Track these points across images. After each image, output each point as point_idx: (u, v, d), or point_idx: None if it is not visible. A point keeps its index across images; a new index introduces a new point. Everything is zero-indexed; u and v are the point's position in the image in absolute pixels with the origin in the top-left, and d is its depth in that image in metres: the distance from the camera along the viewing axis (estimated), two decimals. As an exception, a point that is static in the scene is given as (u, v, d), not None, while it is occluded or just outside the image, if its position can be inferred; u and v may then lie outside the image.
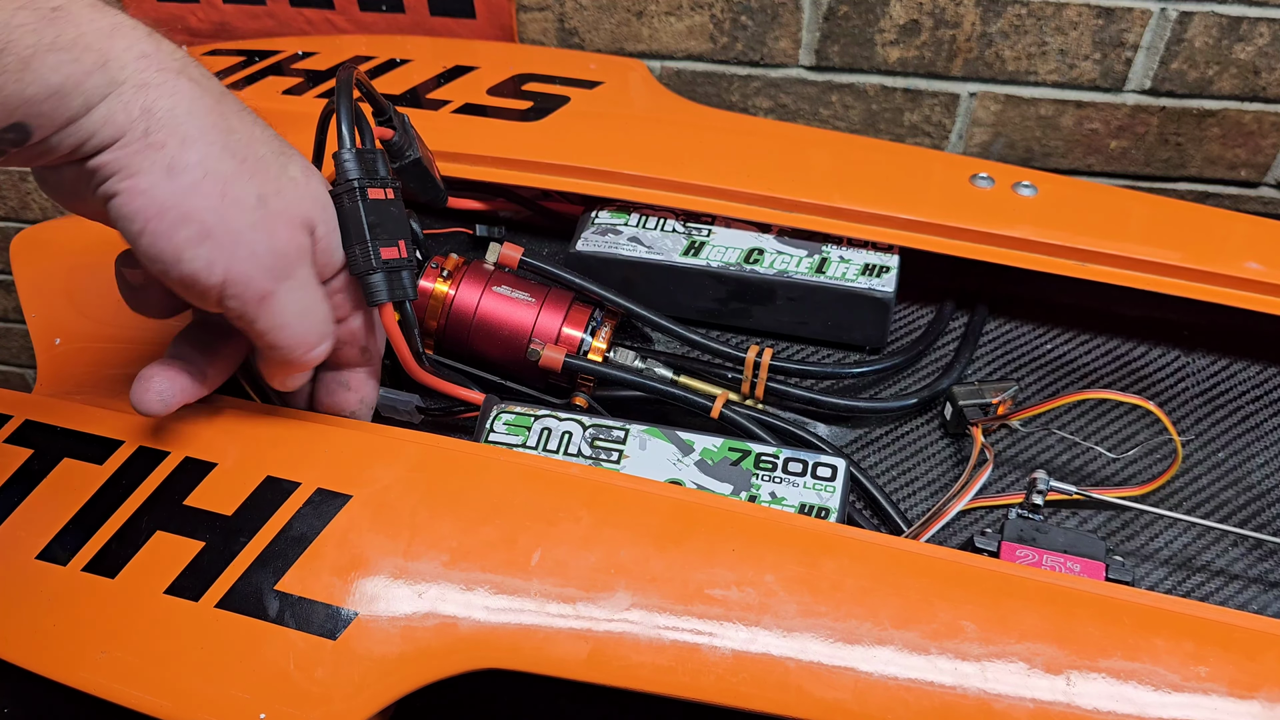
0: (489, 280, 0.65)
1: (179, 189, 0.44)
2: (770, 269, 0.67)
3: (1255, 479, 0.65)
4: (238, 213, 0.45)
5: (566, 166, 0.72)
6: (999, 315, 0.73)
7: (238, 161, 0.45)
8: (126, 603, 0.51)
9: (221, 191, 0.44)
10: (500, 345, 0.64)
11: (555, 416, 0.59)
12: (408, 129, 0.62)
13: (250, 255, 0.46)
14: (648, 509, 0.52)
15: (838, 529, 0.53)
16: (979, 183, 0.71)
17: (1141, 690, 0.46)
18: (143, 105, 0.43)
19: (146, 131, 0.43)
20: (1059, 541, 0.56)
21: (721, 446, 0.57)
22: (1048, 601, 0.49)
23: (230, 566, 0.51)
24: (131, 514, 0.53)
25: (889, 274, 0.67)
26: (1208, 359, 0.71)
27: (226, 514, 0.53)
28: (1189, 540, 0.61)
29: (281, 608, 0.50)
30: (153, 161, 0.43)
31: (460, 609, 0.49)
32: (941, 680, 0.46)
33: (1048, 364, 0.71)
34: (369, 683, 0.48)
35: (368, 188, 0.51)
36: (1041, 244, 0.67)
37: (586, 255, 0.69)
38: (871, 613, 0.48)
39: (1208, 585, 0.60)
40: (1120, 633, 0.48)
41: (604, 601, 0.49)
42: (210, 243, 0.45)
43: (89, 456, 0.55)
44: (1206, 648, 0.48)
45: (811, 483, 0.56)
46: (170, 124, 0.43)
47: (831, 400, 0.65)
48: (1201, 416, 0.68)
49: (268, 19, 1.03)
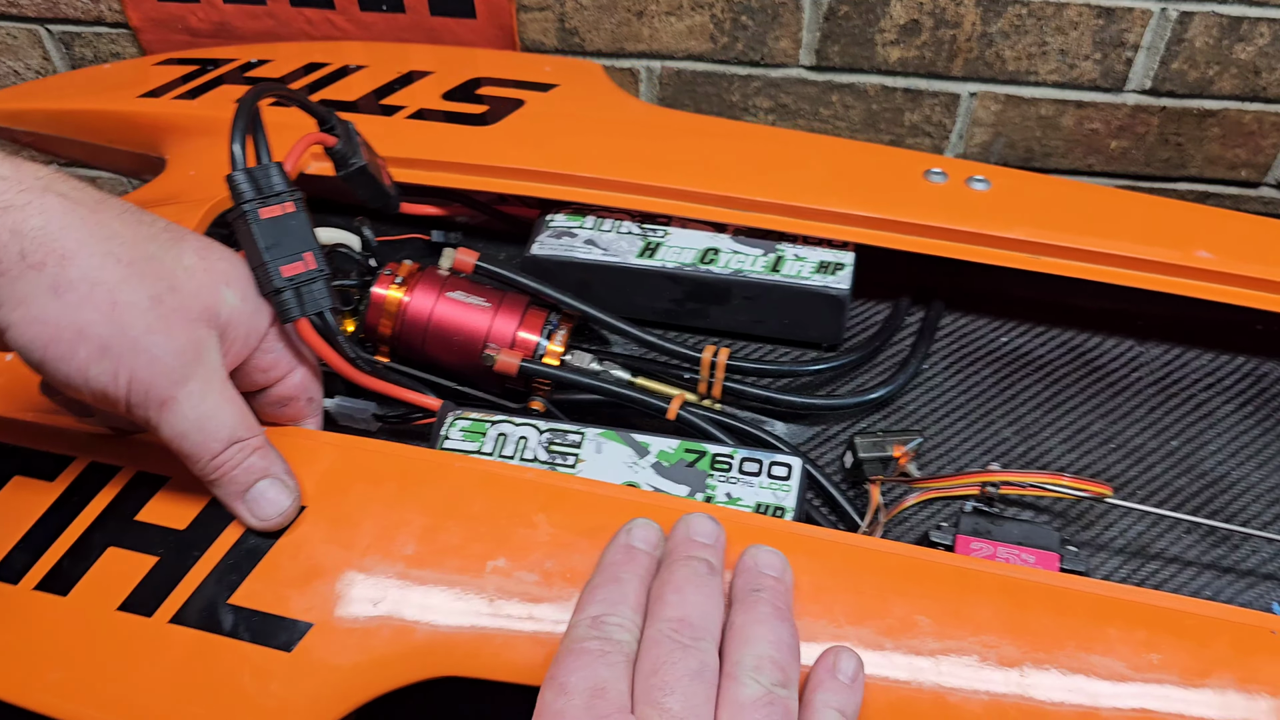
0: (443, 286, 0.64)
1: (68, 306, 0.43)
2: (726, 269, 0.67)
3: (1208, 466, 0.65)
4: (132, 317, 0.44)
5: (521, 170, 0.72)
6: (955, 309, 0.74)
7: (124, 266, 0.44)
8: (79, 620, 0.50)
9: (111, 300, 0.43)
10: (455, 351, 0.64)
11: (511, 422, 0.59)
12: (351, 136, 0.62)
13: (150, 361, 0.45)
14: (603, 512, 0.52)
15: (793, 527, 0.53)
16: (932, 178, 0.71)
17: (1094, 680, 0.47)
18: (10, 228, 0.41)
19: (22, 253, 0.41)
20: (1014, 534, 0.56)
21: (677, 448, 0.57)
22: (1002, 594, 0.49)
23: (183, 581, 0.51)
24: (83, 531, 0.52)
25: (844, 271, 0.67)
26: (1161, 348, 0.72)
27: (179, 528, 0.52)
28: (1143, 529, 0.62)
29: (236, 621, 0.50)
30: (35, 284, 0.42)
31: (416, 617, 0.49)
32: (897, 675, 0.47)
33: (1004, 357, 0.71)
34: (325, 694, 0.48)
35: (259, 208, 0.51)
36: (995, 238, 0.67)
37: (542, 259, 0.69)
38: (827, 609, 0.48)
39: (1162, 573, 0.60)
40: (1073, 623, 0.49)
41: (560, 606, 0.49)
42: (110, 355, 0.44)
43: (39, 473, 0.55)
44: (1159, 635, 0.48)
45: (767, 482, 0.56)
46: (45, 241, 0.42)
47: (788, 398, 0.65)
48: (1154, 406, 0.68)
49: (268, 19, 1.03)
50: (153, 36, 1.08)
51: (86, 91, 0.86)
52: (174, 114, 0.80)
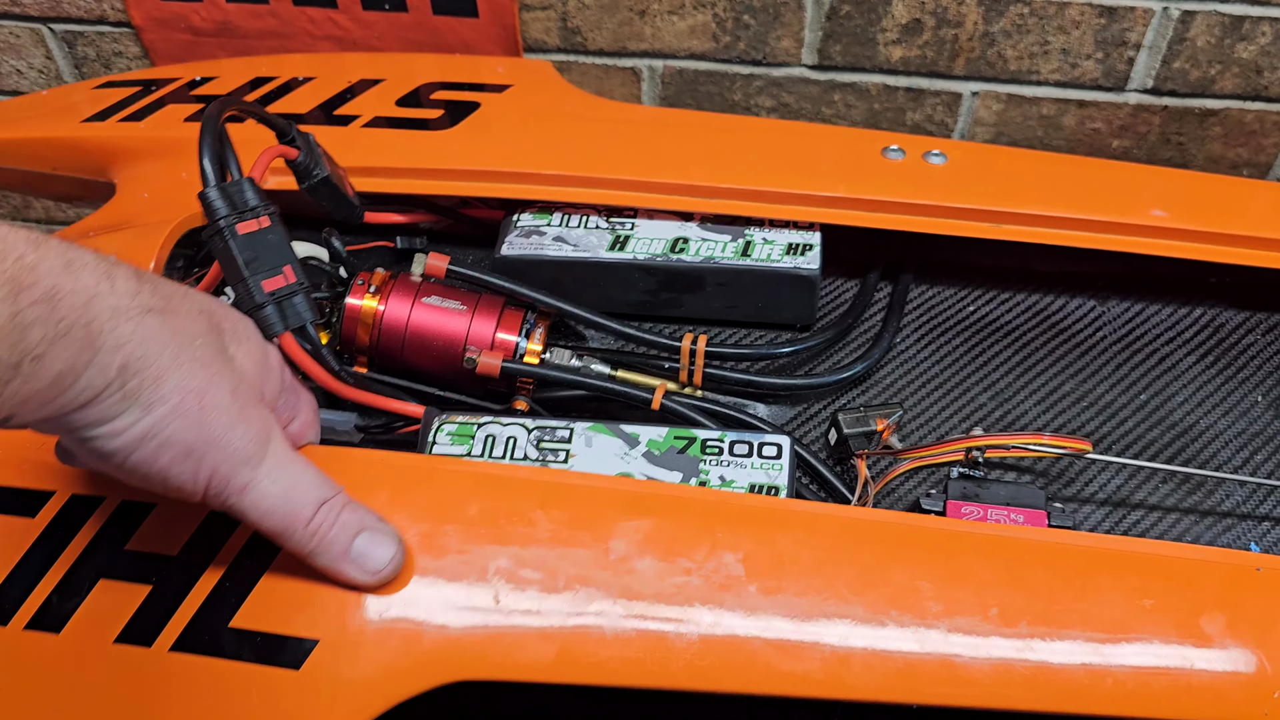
0: (418, 292, 0.64)
1: (157, 420, 0.42)
2: (696, 256, 0.68)
3: (1177, 417, 0.67)
4: (215, 417, 0.44)
5: (483, 172, 0.71)
6: (922, 282, 0.75)
7: (205, 368, 0.44)
8: (76, 657, 0.49)
9: (200, 405, 0.43)
10: (435, 356, 0.64)
11: (498, 422, 0.59)
12: (313, 148, 0.61)
13: (231, 454, 0.45)
14: (601, 504, 0.52)
15: (789, 504, 0.53)
16: (891, 155, 0.72)
17: (1094, 630, 0.48)
18: (120, 365, 0.41)
19: (124, 384, 0.41)
20: (1001, 495, 0.57)
21: (667, 436, 0.58)
22: (997, 553, 0.51)
23: (181, 607, 0.50)
24: (71, 564, 0.51)
25: (812, 251, 0.68)
26: (1122, 305, 0.73)
27: (171, 554, 0.51)
28: (1122, 481, 0.64)
29: (239, 644, 0.49)
30: (129, 405, 0.42)
31: (423, 623, 0.49)
32: (904, 643, 0.47)
33: (973, 325, 0.73)
34: (339, 709, 0.47)
35: (236, 224, 0.51)
36: (955, 209, 0.69)
37: (513, 259, 0.68)
38: (830, 583, 0.49)
39: (1144, 522, 0.62)
40: (1068, 575, 0.50)
41: (566, 600, 0.49)
42: (193, 456, 0.44)
43: (19, 510, 0.53)
44: (1150, 581, 0.50)
45: (759, 462, 0.56)
46: (142, 369, 0.41)
47: (768, 380, 0.66)
48: (1121, 362, 0.70)
49: (270, 18, 1.02)
50: (155, 36, 1.07)
51: (26, 119, 0.84)
52: (121, 137, 0.78)
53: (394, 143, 0.74)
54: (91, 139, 0.79)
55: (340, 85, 0.81)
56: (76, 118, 0.81)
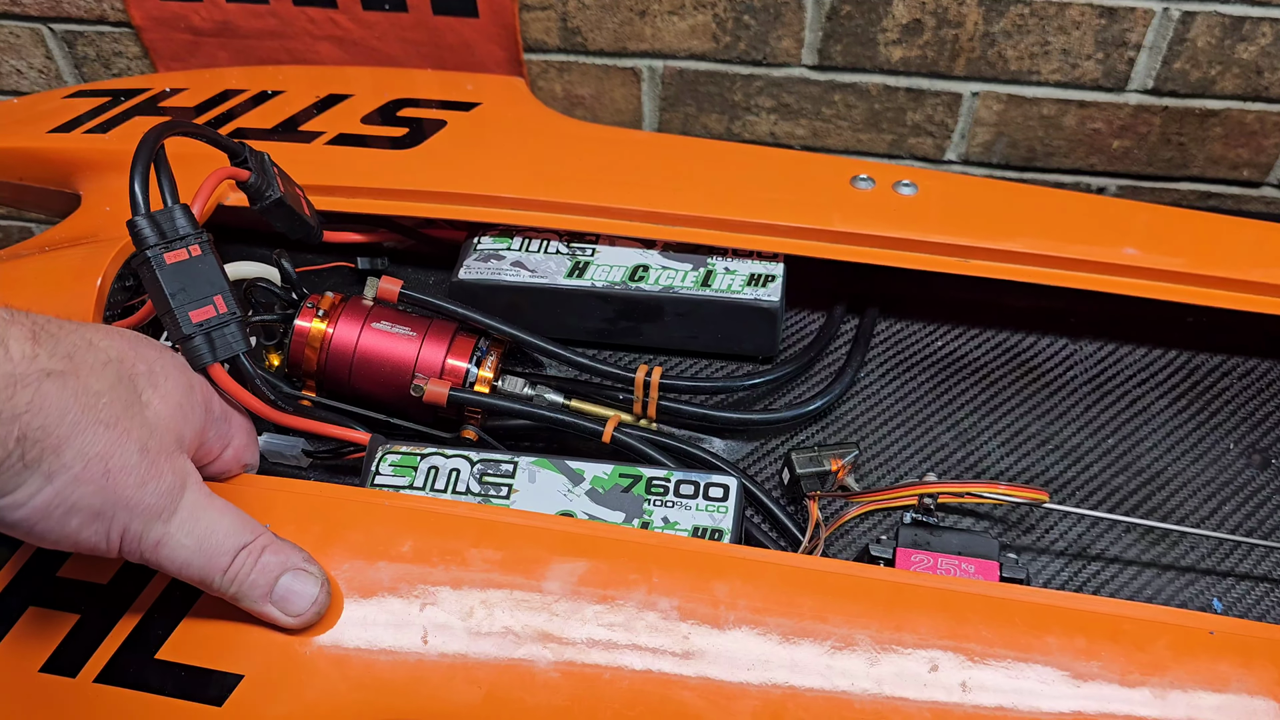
0: (368, 316, 0.63)
1: (59, 489, 0.42)
2: (656, 285, 0.67)
3: (1145, 463, 0.66)
4: (122, 478, 0.43)
5: (446, 193, 0.70)
6: (889, 315, 0.74)
7: (110, 429, 0.43)
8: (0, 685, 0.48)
9: (104, 470, 0.43)
10: (383, 382, 0.62)
11: (442, 454, 0.57)
12: (266, 168, 0.60)
13: (142, 512, 0.44)
14: (538, 543, 0.51)
15: (730, 550, 0.52)
16: (859, 184, 0.71)
17: (1036, 687, 0.46)
18: (18, 436, 0.40)
19: (23, 455, 0.40)
20: (953, 544, 0.56)
21: (612, 473, 0.56)
22: (941, 607, 0.49)
23: (108, 638, 0.49)
24: (1, 592, 0.51)
25: (775, 283, 0.67)
26: (1094, 345, 0.72)
27: (102, 583, 0.51)
28: (1083, 530, 0.62)
29: (164, 677, 0.48)
30: (29, 476, 0.41)
31: (349, 663, 0.48)
32: (837, 695, 0.46)
33: (940, 361, 0.71)
34: (255, 750, 0.46)
35: (164, 253, 0.50)
36: (925, 243, 0.67)
37: (470, 283, 0.67)
38: (765, 632, 0.48)
39: (1103, 574, 0.60)
40: (1013, 632, 0.48)
41: (495, 643, 0.48)
42: (102, 518, 0.43)
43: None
44: (1098, 642, 0.48)
45: (704, 504, 0.55)
46: (42, 438, 0.41)
47: (723, 415, 0.64)
48: (1090, 404, 0.69)
49: (270, 18, 1.01)
50: (155, 35, 1.06)
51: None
52: (86, 149, 0.77)
53: (355, 161, 0.73)
54: (56, 150, 0.78)
55: (308, 100, 0.80)
56: (44, 127, 0.80)
